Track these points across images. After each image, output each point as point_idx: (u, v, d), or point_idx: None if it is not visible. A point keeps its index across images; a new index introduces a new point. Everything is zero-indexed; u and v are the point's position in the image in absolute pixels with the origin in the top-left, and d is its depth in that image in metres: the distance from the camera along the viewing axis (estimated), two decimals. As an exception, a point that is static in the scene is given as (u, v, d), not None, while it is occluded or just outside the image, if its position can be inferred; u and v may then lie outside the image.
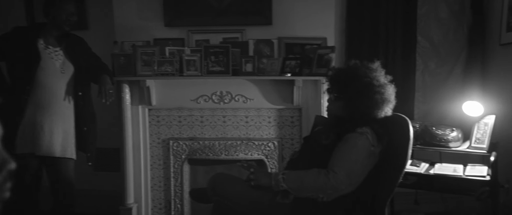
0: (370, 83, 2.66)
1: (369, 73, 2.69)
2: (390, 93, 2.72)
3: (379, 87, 2.67)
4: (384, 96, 2.67)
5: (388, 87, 2.72)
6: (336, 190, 2.48)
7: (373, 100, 2.65)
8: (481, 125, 3.53)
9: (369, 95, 2.64)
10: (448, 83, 4.59)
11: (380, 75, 2.72)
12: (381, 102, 2.67)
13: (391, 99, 2.74)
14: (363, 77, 2.67)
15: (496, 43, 4.26)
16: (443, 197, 4.18)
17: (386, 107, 2.71)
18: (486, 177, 3.29)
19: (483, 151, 3.41)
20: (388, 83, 2.74)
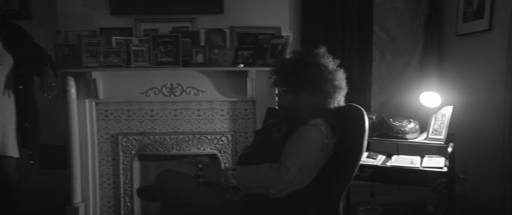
0: (319, 72, 2.52)
1: (317, 61, 2.55)
2: (341, 80, 2.59)
3: (329, 75, 2.53)
4: (335, 84, 2.54)
5: (338, 74, 2.58)
6: (289, 186, 2.34)
7: (324, 90, 2.52)
8: (438, 116, 3.46)
9: (320, 85, 2.51)
10: (405, 74, 4.54)
11: (328, 61, 2.58)
12: (333, 91, 2.54)
13: (343, 86, 2.61)
14: (311, 66, 2.52)
15: (452, 34, 4.23)
16: (400, 189, 4.12)
17: (339, 95, 2.59)
18: (444, 168, 3.23)
19: (441, 142, 3.34)
20: (337, 69, 2.60)
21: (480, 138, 3.86)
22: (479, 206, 3.91)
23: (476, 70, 3.90)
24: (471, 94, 3.91)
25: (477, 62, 3.89)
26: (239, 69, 3.71)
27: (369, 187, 4.02)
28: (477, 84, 3.87)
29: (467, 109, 3.88)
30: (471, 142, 3.93)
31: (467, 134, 3.92)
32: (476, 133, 3.89)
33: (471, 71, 3.97)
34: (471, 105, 3.89)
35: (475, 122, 3.89)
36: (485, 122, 3.79)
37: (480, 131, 3.85)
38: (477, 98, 3.85)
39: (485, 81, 3.78)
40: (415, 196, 4.31)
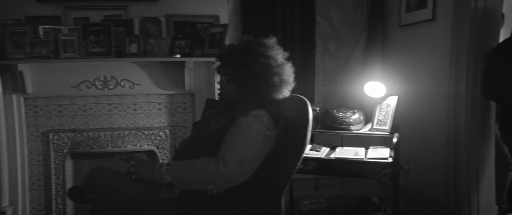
0: (267, 64, 2.36)
1: (266, 52, 2.39)
2: (289, 74, 2.45)
3: (277, 68, 2.39)
4: (282, 78, 2.40)
5: (286, 67, 2.45)
6: (227, 180, 2.18)
7: (270, 83, 2.37)
8: (383, 106, 3.39)
9: (266, 78, 2.36)
10: (349, 65, 4.46)
11: (277, 53, 2.44)
12: (280, 85, 2.40)
13: (290, 81, 2.47)
14: (259, 56, 2.37)
15: (396, 25, 4.19)
16: (344, 181, 4.04)
17: (285, 89, 2.45)
18: (388, 159, 3.17)
19: (386, 133, 3.27)
20: (286, 62, 2.46)
21: (425, 128, 3.83)
22: (423, 197, 3.90)
23: (420, 60, 3.88)
24: (416, 85, 3.88)
25: (421, 52, 3.86)
26: (176, 59, 3.51)
27: (313, 181, 3.92)
28: (422, 75, 3.85)
29: (412, 99, 3.85)
30: (416, 132, 3.90)
31: (412, 124, 3.90)
32: (421, 124, 3.87)
33: (416, 61, 3.93)
34: (416, 96, 3.87)
35: (420, 113, 3.87)
36: (430, 113, 3.77)
37: (425, 121, 3.83)
38: (422, 88, 3.83)
39: (429, 72, 3.76)
40: (360, 188, 4.26)
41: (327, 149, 3.45)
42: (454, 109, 3.49)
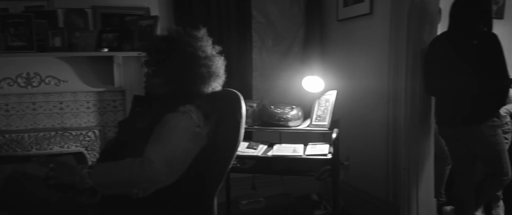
0: (195, 54, 2.22)
1: (193, 43, 2.24)
2: (218, 67, 2.31)
3: (205, 59, 2.24)
4: (211, 70, 2.26)
5: (216, 60, 2.31)
6: (154, 182, 2.01)
7: (198, 75, 2.22)
8: (322, 101, 3.30)
9: (194, 69, 2.21)
10: (287, 61, 4.35)
11: (206, 45, 2.29)
12: (208, 77, 2.25)
13: (220, 74, 2.33)
14: (186, 47, 2.22)
15: (334, 19, 4.14)
16: (283, 179, 3.94)
17: (214, 82, 2.31)
18: (328, 155, 3.07)
19: (325, 129, 3.17)
20: (216, 55, 2.32)
21: (364, 123, 3.79)
22: (363, 192, 3.86)
23: (359, 55, 3.83)
24: (356, 79, 3.84)
25: (360, 47, 3.81)
26: (103, 54, 3.29)
27: (251, 179, 3.79)
28: (361, 70, 3.80)
29: (351, 94, 3.80)
30: (356, 128, 3.86)
31: (352, 119, 3.85)
32: (361, 119, 3.82)
33: (355, 56, 3.89)
34: (356, 90, 3.82)
35: (360, 108, 3.82)
36: (369, 108, 3.72)
37: (364, 116, 3.79)
38: (361, 83, 3.78)
39: (369, 67, 3.71)
40: (299, 185, 4.18)
41: (265, 146, 3.32)
42: (393, 103, 3.45)
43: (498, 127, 3.02)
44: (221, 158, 2.26)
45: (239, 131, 2.25)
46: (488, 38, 2.91)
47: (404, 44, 3.29)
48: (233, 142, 2.25)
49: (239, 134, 2.25)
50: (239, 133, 2.25)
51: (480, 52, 2.89)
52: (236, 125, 2.27)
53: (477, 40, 2.91)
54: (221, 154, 2.26)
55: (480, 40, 2.91)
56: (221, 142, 2.27)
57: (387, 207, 3.58)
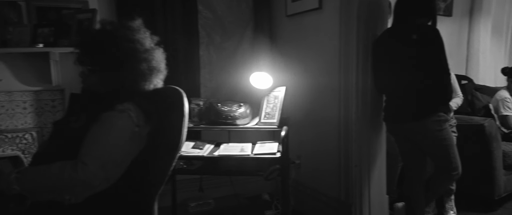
0: (132, 48, 2.05)
1: (130, 36, 2.07)
2: (159, 61, 2.14)
3: (144, 53, 2.07)
4: (152, 65, 2.09)
5: (156, 53, 2.13)
6: (87, 187, 1.85)
7: (137, 71, 2.05)
8: (270, 98, 3.20)
9: (132, 65, 2.04)
10: (236, 58, 4.23)
11: (144, 37, 2.11)
12: (149, 73, 2.09)
13: (161, 68, 2.16)
14: (123, 41, 2.05)
15: (282, 14, 4.05)
16: (232, 180, 3.82)
17: (155, 78, 2.14)
18: (277, 154, 2.96)
19: (274, 127, 3.07)
20: (155, 47, 2.15)
21: (316, 121, 3.70)
22: (315, 191, 3.78)
23: (309, 51, 3.74)
24: (306, 76, 3.75)
25: (310, 42, 3.72)
26: (39, 50, 3.10)
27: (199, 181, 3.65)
28: (312, 66, 3.71)
29: (302, 91, 3.72)
30: (307, 125, 3.77)
31: (303, 117, 3.77)
32: (312, 116, 3.74)
33: (305, 52, 3.80)
34: (307, 87, 3.74)
35: (311, 105, 3.73)
36: (320, 105, 3.63)
37: (316, 114, 3.70)
38: (312, 80, 3.69)
39: (319, 62, 3.62)
40: (250, 185, 4.07)
41: (211, 146, 3.20)
42: (344, 100, 3.37)
43: (444, 122, 2.98)
44: (162, 159, 2.10)
45: (182, 130, 2.11)
46: (428, 33, 2.87)
47: (354, 40, 3.22)
48: (175, 142, 2.10)
49: (182, 133, 2.11)
50: (181, 132, 2.11)
51: (420, 47, 2.85)
52: (178, 123, 2.12)
53: (417, 35, 2.87)
54: (162, 155, 2.11)
55: (420, 35, 2.87)
56: (162, 142, 2.12)
57: (339, 205, 3.51)
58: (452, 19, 5.93)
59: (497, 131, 3.97)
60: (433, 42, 2.83)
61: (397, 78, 2.99)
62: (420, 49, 2.85)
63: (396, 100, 3.08)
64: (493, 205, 4.06)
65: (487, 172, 3.96)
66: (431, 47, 2.84)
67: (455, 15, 5.95)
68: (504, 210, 4.08)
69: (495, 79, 6.50)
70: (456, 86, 3.83)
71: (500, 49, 6.58)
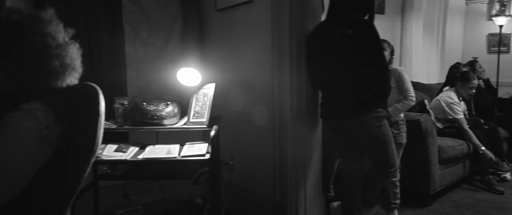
0: (43, 43, 1.78)
1: (40, 28, 1.81)
2: (74, 57, 1.88)
3: (57, 49, 1.81)
4: (65, 62, 1.82)
5: (70, 49, 1.87)
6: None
7: (48, 69, 1.79)
8: (200, 96, 3.01)
9: (42, 61, 1.77)
10: (165, 54, 3.99)
11: (57, 30, 1.85)
12: (62, 71, 1.82)
13: (76, 66, 1.90)
14: (32, 34, 1.78)
15: (212, 8, 3.89)
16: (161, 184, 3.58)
17: (69, 77, 1.88)
18: (206, 155, 2.77)
19: (203, 126, 2.88)
20: (70, 42, 1.89)
21: (250, 119, 3.55)
22: (250, 193, 3.63)
23: (241, 46, 3.58)
24: (239, 72, 3.60)
25: (242, 37, 3.57)
26: None
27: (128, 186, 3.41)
28: (244, 62, 3.56)
29: (235, 88, 3.59)
30: (240, 124, 3.62)
31: (236, 115, 3.63)
32: (246, 114, 3.58)
33: (237, 48, 3.63)
34: (240, 84, 3.60)
35: (244, 102, 3.58)
36: (254, 102, 3.49)
37: (249, 111, 3.55)
38: (245, 76, 3.54)
39: (252, 59, 3.47)
40: (182, 189, 3.84)
41: (136, 148, 2.96)
42: (278, 97, 3.23)
43: (383, 118, 2.90)
44: (75, 165, 1.86)
45: (97, 131, 1.87)
46: (363, 27, 2.78)
47: (287, 34, 3.08)
48: (89, 145, 1.86)
49: (97, 135, 1.87)
50: (96, 134, 1.87)
51: (357, 42, 2.76)
52: (93, 124, 1.88)
53: (352, 30, 2.76)
54: (75, 160, 1.87)
55: (355, 30, 2.76)
56: (75, 145, 1.88)
57: (274, 207, 3.37)
58: (385, 17, 5.94)
59: (432, 126, 3.97)
60: (369, 37, 2.74)
61: (334, 74, 2.88)
62: (356, 44, 2.75)
63: (334, 97, 2.98)
64: (428, 200, 4.11)
65: (423, 167, 3.99)
66: (368, 42, 2.75)
67: (388, 12, 5.97)
68: (439, 204, 4.12)
69: (428, 76, 6.61)
70: (409, 87, 3.62)
71: (432, 46, 6.71)
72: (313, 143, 3.25)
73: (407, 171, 3.71)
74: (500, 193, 4.41)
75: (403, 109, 3.50)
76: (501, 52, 7.51)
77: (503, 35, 7.52)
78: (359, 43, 2.74)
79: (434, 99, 4.94)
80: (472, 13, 8.14)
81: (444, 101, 4.73)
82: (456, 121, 4.62)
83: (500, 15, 7.29)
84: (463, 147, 4.50)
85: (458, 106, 4.67)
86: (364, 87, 2.81)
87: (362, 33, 2.75)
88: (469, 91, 4.80)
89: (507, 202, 4.20)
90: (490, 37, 7.91)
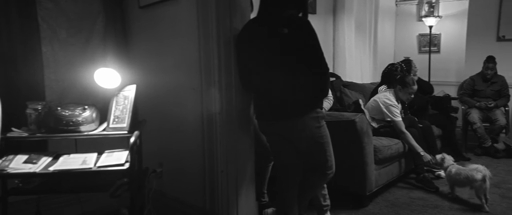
0: None
1: None
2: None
3: None
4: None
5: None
6: None
7: None
8: (120, 99, 2.76)
9: None
10: (87, 55, 3.73)
11: None
12: None
13: None
14: None
15: (135, 6, 3.67)
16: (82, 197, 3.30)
17: None
18: (125, 165, 2.52)
19: (123, 132, 2.64)
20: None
21: (178, 123, 3.34)
22: (179, 202, 3.42)
23: (167, 46, 3.36)
24: (165, 73, 3.39)
25: (167, 36, 3.35)
26: None
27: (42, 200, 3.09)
28: (170, 62, 3.34)
29: (161, 90, 3.37)
30: (167, 129, 3.41)
31: (162, 119, 3.41)
32: (174, 118, 3.36)
33: (162, 47, 3.42)
34: (166, 86, 3.38)
35: (171, 106, 3.36)
36: (182, 105, 3.28)
37: (177, 115, 3.33)
38: (171, 77, 3.33)
39: (178, 59, 3.27)
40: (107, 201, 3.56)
41: (49, 159, 2.67)
42: (207, 99, 3.03)
43: (321, 118, 2.77)
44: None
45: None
46: (300, 26, 2.62)
47: (214, 33, 2.89)
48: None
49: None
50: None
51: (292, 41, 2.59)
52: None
53: (288, 29, 2.59)
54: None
55: (291, 29, 2.60)
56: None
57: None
58: (317, 17, 5.88)
59: (367, 126, 3.91)
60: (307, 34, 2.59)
61: (269, 74, 2.71)
62: (293, 43, 2.58)
63: (269, 98, 2.79)
64: (364, 201, 4.03)
65: (358, 167, 3.92)
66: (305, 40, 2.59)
67: (319, 12, 5.91)
68: (375, 205, 4.06)
69: (361, 76, 6.61)
70: None
71: (364, 46, 6.73)
72: (245, 146, 3.08)
73: (343, 172, 3.60)
74: (435, 191, 4.40)
75: (326, 109, 3.42)
76: (432, 52, 7.67)
77: (433, 36, 7.69)
78: (295, 41, 2.58)
79: (372, 100, 4.89)
80: (402, 14, 8.28)
81: (382, 103, 4.69)
82: (395, 123, 4.59)
83: (429, 16, 7.46)
84: (398, 146, 4.48)
85: (396, 109, 4.66)
86: (303, 87, 2.65)
87: (298, 31, 2.59)
88: (408, 96, 4.80)
89: (442, 199, 4.19)
90: (421, 37, 8.06)
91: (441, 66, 6.58)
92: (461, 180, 4.00)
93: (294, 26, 2.60)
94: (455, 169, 4.13)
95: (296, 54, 2.58)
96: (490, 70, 6.17)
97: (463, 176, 3.96)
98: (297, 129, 2.74)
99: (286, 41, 2.58)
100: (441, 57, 7.66)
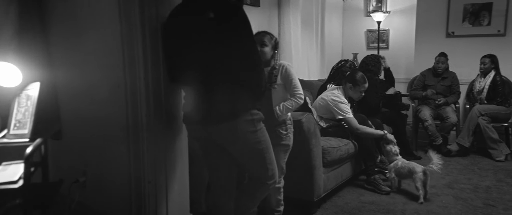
0: None
1: None
2: None
3: None
4: None
5: None
6: None
7: None
8: (22, 99, 2.32)
9: None
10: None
11: None
12: None
13: None
14: None
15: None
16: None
17: None
18: (19, 182, 2.06)
19: (24, 140, 2.18)
20: None
21: (100, 126, 2.91)
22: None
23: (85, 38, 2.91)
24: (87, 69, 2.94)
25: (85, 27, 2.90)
26: None
27: None
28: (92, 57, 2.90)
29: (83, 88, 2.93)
30: (91, 133, 2.96)
31: (83, 122, 2.98)
32: (97, 121, 2.92)
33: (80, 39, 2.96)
34: (86, 83, 2.93)
35: (96, 106, 2.92)
36: (104, 105, 2.85)
37: (99, 117, 2.89)
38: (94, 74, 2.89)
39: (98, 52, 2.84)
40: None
41: None
42: (132, 98, 2.61)
43: (258, 121, 2.43)
44: None
45: None
46: (228, 10, 2.27)
47: (138, 23, 2.49)
48: None
49: None
50: None
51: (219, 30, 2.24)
52: None
53: (215, 13, 2.23)
54: None
55: (218, 13, 2.24)
56: None
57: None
58: (260, 10, 5.56)
59: (315, 126, 3.61)
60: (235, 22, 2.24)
61: (195, 69, 2.34)
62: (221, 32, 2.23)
63: (197, 97, 2.43)
64: (312, 208, 3.75)
65: (305, 172, 3.61)
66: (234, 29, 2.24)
67: (263, 5, 5.60)
68: (323, 211, 3.80)
69: (309, 73, 6.36)
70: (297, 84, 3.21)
71: (311, 42, 6.50)
72: (176, 152, 2.73)
73: (288, 177, 3.30)
74: (386, 194, 4.22)
75: (292, 108, 3.08)
76: (381, 48, 7.51)
77: (381, 31, 7.52)
78: (223, 30, 2.23)
79: (319, 98, 4.60)
80: (350, 9, 8.11)
81: (331, 101, 4.41)
82: (346, 120, 4.32)
83: (377, 11, 7.30)
84: (348, 146, 4.23)
85: (346, 106, 4.41)
86: (234, 85, 2.31)
87: (226, 18, 2.24)
88: (360, 94, 4.60)
89: (394, 202, 4.00)
90: (369, 33, 7.90)
91: (390, 62, 6.40)
92: (405, 173, 4.16)
93: (222, 12, 2.24)
94: (401, 162, 4.24)
95: (225, 44, 2.23)
96: (441, 63, 6.09)
97: (407, 169, 4.13)
98: (229, 133, 2.41)
99: (214, 28, 2.21)
100: (390, 53, 7.49)
